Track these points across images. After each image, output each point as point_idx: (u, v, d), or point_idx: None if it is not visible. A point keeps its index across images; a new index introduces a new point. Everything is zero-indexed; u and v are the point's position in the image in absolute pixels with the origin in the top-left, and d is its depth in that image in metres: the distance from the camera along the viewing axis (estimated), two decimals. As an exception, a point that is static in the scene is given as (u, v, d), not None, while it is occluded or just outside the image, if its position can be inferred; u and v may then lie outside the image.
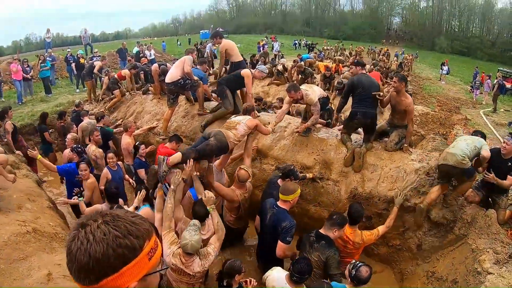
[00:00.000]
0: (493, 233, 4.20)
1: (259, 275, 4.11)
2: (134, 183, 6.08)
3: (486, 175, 4.50)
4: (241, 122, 4.94)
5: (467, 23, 60.12)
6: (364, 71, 5.44)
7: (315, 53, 22.65)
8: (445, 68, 23.30)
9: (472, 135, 4.85)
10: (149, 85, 8.99)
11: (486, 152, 4.46)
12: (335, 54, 21.69)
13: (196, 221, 3.59)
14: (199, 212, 3.90)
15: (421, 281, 4.59)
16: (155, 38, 54.97)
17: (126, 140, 6.61)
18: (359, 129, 6.01)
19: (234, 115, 5.78)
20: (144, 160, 6.36)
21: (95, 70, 10.72)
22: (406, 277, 4.95)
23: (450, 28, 61.33)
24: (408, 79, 12.46)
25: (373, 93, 5.26)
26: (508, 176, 4.39)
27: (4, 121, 7.27)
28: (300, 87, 5.67)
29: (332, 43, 34.65)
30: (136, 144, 6.43)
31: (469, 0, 59.29)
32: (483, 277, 3.70)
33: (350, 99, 5.62)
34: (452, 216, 4.62)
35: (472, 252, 4.15)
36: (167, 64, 8.72)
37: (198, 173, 4.41)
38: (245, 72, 6.27)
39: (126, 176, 6.20)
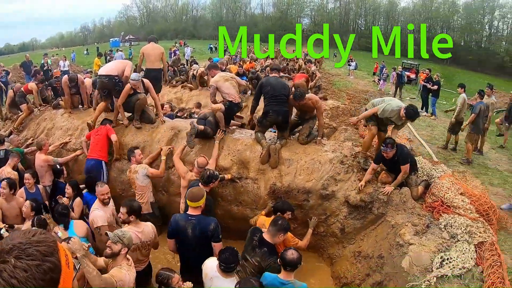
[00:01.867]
0: (409, 208, 4.69)
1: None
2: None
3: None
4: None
5: (373, 21, 66.36)
6: (275, 75, 5.89)
7: (229, 56, 22.92)
8: (353, 63, 25.19)
9: None
10: (60, 99, 8.26)
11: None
12: (247, 56, 22.21)
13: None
14: (133, 207, 3.97)
15: (349, 262, 4.93)
16: (63, 49, 51.17)
17: (42, 158, 6.16)
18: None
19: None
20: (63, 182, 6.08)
21: None
22: (335, 260, 5.28)
23: (356, 26, 67.12)
24: (319, 75, 13.25)
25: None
26: (401, 166, 4.88)
27: None
28: (221, 74, 6.21)
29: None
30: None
31: (374, 0, 65.52)
32: (405, 248, 4.11)
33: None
34: (369, 198, 5.00)
35: (392, 228, 4.57)
36: (78, 75, 8.07)
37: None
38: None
39: (46, 203, 5.73)
